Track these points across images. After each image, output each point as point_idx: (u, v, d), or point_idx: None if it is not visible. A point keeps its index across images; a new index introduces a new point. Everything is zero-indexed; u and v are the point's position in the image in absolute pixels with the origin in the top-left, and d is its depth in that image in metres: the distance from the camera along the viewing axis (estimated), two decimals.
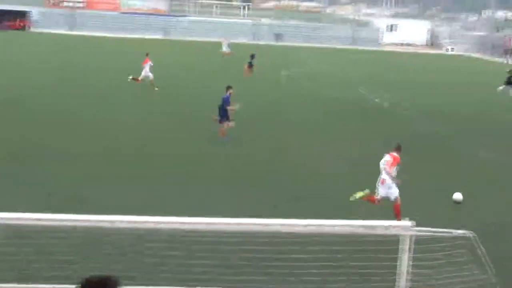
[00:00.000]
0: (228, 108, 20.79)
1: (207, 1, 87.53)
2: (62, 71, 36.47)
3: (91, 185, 14.93)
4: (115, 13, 77.83)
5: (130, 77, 32.50)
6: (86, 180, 15.38)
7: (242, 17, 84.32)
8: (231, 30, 74.78)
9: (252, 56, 41.07)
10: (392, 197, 13.52)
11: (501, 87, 37.40)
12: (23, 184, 14.74)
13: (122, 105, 26.98)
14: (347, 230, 7.87)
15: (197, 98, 29.25)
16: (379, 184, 13.64)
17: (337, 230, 7.78)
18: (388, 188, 13.53)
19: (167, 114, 25.31)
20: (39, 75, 34.29)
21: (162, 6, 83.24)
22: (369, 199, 13.77)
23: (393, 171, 13.66)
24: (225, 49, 52.20)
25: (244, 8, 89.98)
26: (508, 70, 39.20)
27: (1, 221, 7.31)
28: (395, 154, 13.93)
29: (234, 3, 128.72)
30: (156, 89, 30.99)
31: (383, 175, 13.63)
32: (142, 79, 31.95)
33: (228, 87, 21.24)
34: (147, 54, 32.73)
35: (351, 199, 13.62)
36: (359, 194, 13.71)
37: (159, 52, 46.43)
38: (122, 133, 21.47)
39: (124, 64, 38.84)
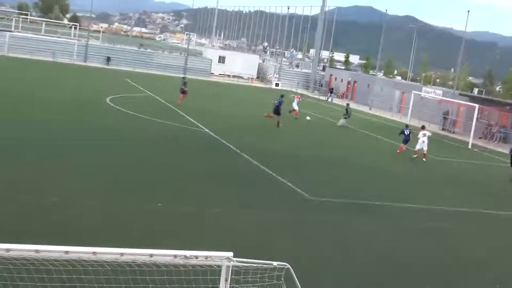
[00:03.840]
0: None
1: (35, 18, 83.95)
2: None
3: None
4: None
5: None
6: None
7: (71, 37, 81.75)
8: (60, 49, 73.04)
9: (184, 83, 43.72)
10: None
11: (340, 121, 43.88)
12: None
13: None
14: (166, 259, 7.58)
15: None
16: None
17: (155, 259, 7.44)
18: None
19: None
20: None
21: None
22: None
23: None
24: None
25: (73, 27, 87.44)
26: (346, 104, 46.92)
27: None
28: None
29: (64, 22, 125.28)
30: None
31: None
32: None
33: None
34: None
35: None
36: None
37: None
38: None
39: None
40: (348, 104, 46.03)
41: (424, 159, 32.52)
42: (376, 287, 13.46)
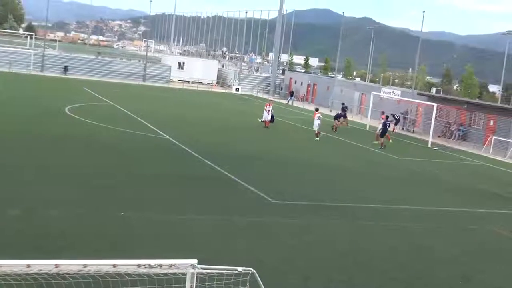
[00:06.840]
0: None
1: None
2: None
3: None
4: None
5: None
6: None
7: (27, 47, 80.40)
8: (16, 59, 71.66)
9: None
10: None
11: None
12: None
13: None
14: (130, 269, 7.50)
15: None
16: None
17: (118, 269, 7.35)
18: None
19: None
20: None
21: None
22: None
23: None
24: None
25: (28, 37, 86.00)
26: None
27: None
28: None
29: (19, 32, 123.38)
30: None
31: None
32: None
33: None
34: None
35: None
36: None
37: None
38: None
39: None
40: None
41: (317, 138, 38.69)
42: (342, 285, 13.54)
